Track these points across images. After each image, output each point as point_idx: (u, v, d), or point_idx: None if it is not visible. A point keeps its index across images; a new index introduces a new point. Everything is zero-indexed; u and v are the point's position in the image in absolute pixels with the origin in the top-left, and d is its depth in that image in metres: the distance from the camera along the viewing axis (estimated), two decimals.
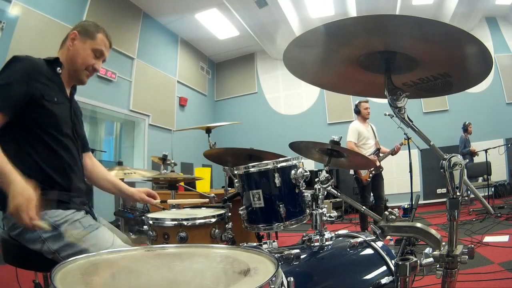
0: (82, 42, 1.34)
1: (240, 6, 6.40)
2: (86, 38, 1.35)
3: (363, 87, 1.15)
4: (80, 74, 1.36)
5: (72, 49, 1.33)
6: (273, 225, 1.27)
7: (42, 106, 1.19)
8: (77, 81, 1.39)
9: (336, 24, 0.78)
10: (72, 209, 1.20)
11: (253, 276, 0.64)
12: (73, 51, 1.33)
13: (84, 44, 1.34)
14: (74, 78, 1.37)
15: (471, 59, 0.89)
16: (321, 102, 8.16)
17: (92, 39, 1.36)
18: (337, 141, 1.38)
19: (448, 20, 6.53)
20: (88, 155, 1.54)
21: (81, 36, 1.35)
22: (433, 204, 6.70)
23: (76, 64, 1.34)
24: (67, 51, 1.34)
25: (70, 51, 1.33)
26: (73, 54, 1.33)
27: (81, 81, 1.39)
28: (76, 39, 1.34)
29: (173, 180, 2.39)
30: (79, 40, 1.34)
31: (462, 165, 0.83)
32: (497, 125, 6.54)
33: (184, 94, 7.81)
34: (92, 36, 1.36)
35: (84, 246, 1.12)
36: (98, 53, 1.37)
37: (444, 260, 0.85)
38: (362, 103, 3.95)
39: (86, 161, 1.51)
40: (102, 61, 1.40)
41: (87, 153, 1.53)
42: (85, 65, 1.35)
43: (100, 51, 1.37)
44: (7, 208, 0.94)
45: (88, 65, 1.35)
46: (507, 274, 2.25)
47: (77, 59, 1.33)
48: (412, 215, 2.71)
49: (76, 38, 1.34)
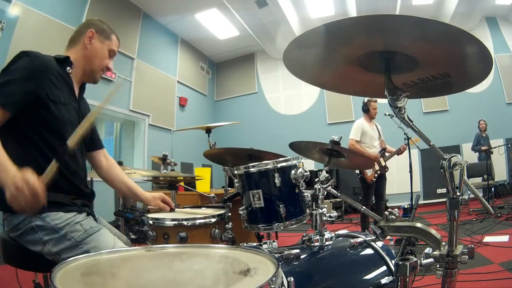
0: (100, 42, 1.35)
1: (240, 6, 6.40)
2: (103, 38, 1.35)
3: (363, 87, 1.14)
4: (96, 74, 1.37)
5: (90, 48, 1.33)
6: (273, 225, 1.26)
7: (47, 106, 1.16)
8: (91, 80, 1.39)
9: (336, 24, 0.78)
10: (73, 211, 1.19)
11: (253, 276, 0.64)
12: (91, 50, 1.33)
13: (102, 44, 1.35)
14: (88, 77, 1.37)
15: (471, 59, 0.88)
16: (321, 102, 8.16)
17: (108, 39, 1.37)
18: (337, 141, 1.38)
19: (448, 20, 6.53)
20: (103, 153, 1.52)
21: (98, 35, 1.34)
22: (433, 204, 6.70)
23: (94, 64, 1.34)
24: (83, 49, 1.33)
25: (88, 50, 1.33)
26: (91, 53, 1.33)
27: (95, 81, 1.39)
28: (93, 37, 1.33)
29: (173, 180, 2.39)
30: (97, 40, 1.34)
31: (462, 165, 0.83)
32: (497, 125, 6.54)
33: (184, 94, 7.81)
34: (109, 36, 1.37)
35: (85, 249, 1.12)
36: (112, 53, 1.39)
37: (444, 260, 0.84)
38: (372, 103, 3.89)
39: (101, 159, 1.50)
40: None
41: (101, 150, 1.51)
42: (101, 65, 1.36)
43: (114, 52, 1.40)
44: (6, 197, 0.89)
45: (104, 65, 1.37)
46: (507, 274, 2.25)
47: (95, 59, 1.33)
48: (412, 215, 2.71)
49: (94, 37, 1.33)
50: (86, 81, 1.39)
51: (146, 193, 1.53)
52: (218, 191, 3.05)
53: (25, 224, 1.12)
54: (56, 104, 1.19)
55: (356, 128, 3.89)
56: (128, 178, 1.55)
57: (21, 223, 1.12)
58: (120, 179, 1.51)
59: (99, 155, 1.49)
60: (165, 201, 1.55)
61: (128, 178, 1.56)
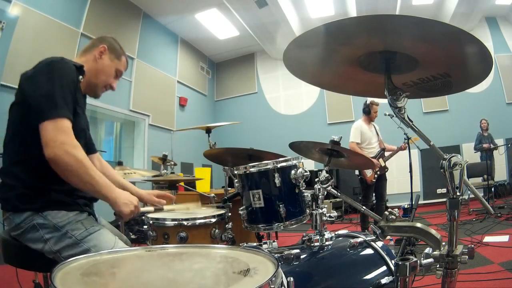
0: (109, 59, 1.37)
1: (240, 6, 6.40)
2: (113, 56, 1.38)
3: (363, 87, 1.15)
4: (99, 89, 1.39)
5: (100, 63, 1.35)
6: (273, 225, 1.27)
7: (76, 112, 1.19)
8: (93, 94, 1.41)
9: (336, 24, 0.78)
10: (75, 210, 1.20)
11: (253, 276, 0.64)
12: (100, 65, 1.35)
13: (111, 62, 1.37)
14: (90, 91, 1.39)
15: (471, 59, 0.88)
16: (321, 102, 8.16)
17: (118, 59, 1.40)
18: (337, 141, 1.37)
19: (448, 20, 6.53)
20: (96, 157, 1.54)
21: (109, 53, 1.37)
22: (433, 204, 6.70)
23: (98, 79, 1.36)
24: (93, 62, 1.35)
25: (97, 64, 1.35)
26: (99, 68, 1.35)
27: (96, 95, 1.41)
28: (104, 53, 1.36)
29: (173, 180, 2.39)
30: (107, 56, 1.36)
31: (462, 165, 0.83)
32: (497, 125, 6.54)
33: (184, 94, 7.81)
34: (119, 56, 1.40)
35: (85, 247, 1.12)
36: (119, 74, 1.42)
37: (444, 260, 0.84)
38: (374, 106, 3.88)
39: (95, 162, 1.50)
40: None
41: (95, 154, 1.53)
42: (106, 82, 1.38)
43: (121, 72, 1.42)
44: (122, 214, 1.16)
45: (108, 83, 1.39)
46: (507, 274, 2.25)
47: (101, 75, 1.35)
48: (412, 215, 2.71)
49: (105, 53, 1.36)
50: (88, 93, 1.41)
51: (140, 190, 1.54)
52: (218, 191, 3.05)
53: (27, 222, 1.13)
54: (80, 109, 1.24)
55: (355, 130, 3.89)
56: (121, 178, 1.58)
57: (22, 222, 1.13)
58: (114, 179, 1.52)
59: (93, 159, 1.51)
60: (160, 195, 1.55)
61: (121, 178, 1.58)
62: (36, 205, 1.14)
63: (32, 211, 1.13)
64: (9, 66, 3.99)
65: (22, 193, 1.14)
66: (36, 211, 1.13)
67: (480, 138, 6.31)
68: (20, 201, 1.14)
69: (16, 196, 1.14)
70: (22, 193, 1.14)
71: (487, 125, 6.33)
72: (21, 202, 1.14)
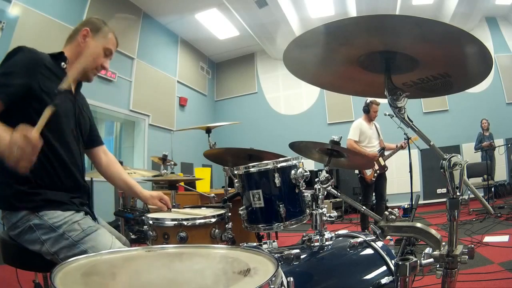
0: (94, 40, 1.33)
1: (240, 6, 6.40)
2: (98, 36, 1.34)
3: (363, 87, 1.14)
4: (89, 72, 1.35)
5: (84, 46, 1.32)
6: (273, 225, 1.26)
7: (40, 98, 1.15)
8: (84, 79, 1.38)
9: (336, 24, 0.78)
10: (71, 210, 1.19)
11: (253, 276, 0.64)
12: (84, 48, 1.32)
13: (96, 42, 1.33)
14: (81, 76, 1.36)
15: (471, 59, 0.88)
16: (321, 102, 8.16)
17: (104, 38, 1.35)
18: (337, 141, 1.38)
19: (448, 20, 6.52)
20: (102, 150, 1.52)
21: (92, 33, 1.34)
22: (433, 204, 6.70)
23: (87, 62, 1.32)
24: (77, 47, 1.33)
25: (81, 48, 1.32)
26: (84, 52, 1.32)
27: (88, 79, 1.38)
28: (87, 36, 1.33)
29: (173, 180, 2.39)
30: (91, 38, 1.33)
31: (462, 165, 0.83)
32: (497, 125, 6.54)
33: (184, 94, 7.81)
34: (105, 35, 1.36)
35: (82, 248, 1.12)
36: (108, 52, 1.37)
37: (444, 260, 0.84)
38: (374, 105, 3.89)
39: (101, 156, 1.50)
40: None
41: (101, 147, 1.52)
42: (95, 64, 1.34)
43: (111, 51, 1.38)
44: (6, 160, 0.91)
45: (98, 64, 1.35)
46: (507, 274, 2.25)
47: (87, 58, 1.32)
48: (412, 215, 2.71)
49: (88, 35, 1.33)
50: (80, 79, 1.38)
51: (145, 192, 1.54)
52: (218, 191, 3.05)
53: (23, 222, 1.12)
54: (49, 96, 1.18)
55: (354, 128, 3.90)
56: (127, 176, 1.56)
57: (19, 221, 1.13)
58: (119, 177, 1.52)
59: (99, 152, 1.50)
60: (163, 200, 1.54)
61: (127, 175, 1.56)
62: (31, 204, 1.13)
63: (28, 210, 1.13)
64: None
65: (18, 191, 1.13)
66: (32, 211, 1.13)
67: (480, 137, 6.32)
68: (16, 199, 1.13)
69: (12, 194, 1.14)
70: (18, 191, 1.13)
71: (487, 125, 6.33)
72: (16, 200, 1.13)
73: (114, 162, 1.55)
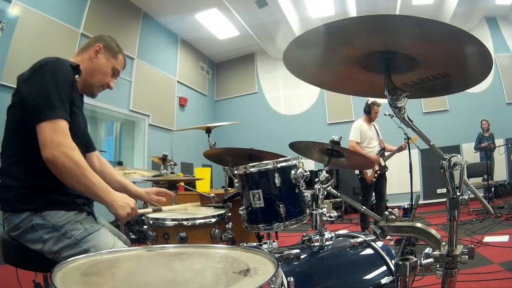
0: (105, 58, 1.36)
1: (240, 6, 6.40)
2: (109, 55, 1.37)
3: (363, 87, 1.15)
4: (95, 88, 1.38)
5: (95, 62, 1.35)
6: (273, 225, 1.27)
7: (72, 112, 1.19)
8: (89, 94, 1.41)
9: (336, 24, 0.78)
10: (74, 210, 1.20)
11: (253, 276, 0.64)
12: (95, 64, 1.35)
13: (107, 61, 1.36)
14: (86, 90, 1.39)
15: (471, 59, 0.88)
16: (321, 102, 8.16)
17: (114, 58, 1.38)
18: (337, 141, 1.38)
19: (448, 20, 6.52)
20: (95, 155, 1.54)
21: (105, 51, 1.36)
22: (433, 204, 6.70)
23: (94, 78, 1.35)
24: (88, 62, 1.34)
25: (93, 64, 1.35)
26: (95, 67, 1.35)
27: (93, 95, 1.40)
28: (100, 52, 1.35)
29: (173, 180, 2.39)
30: (103, 55, 1.36)
31: (462, 165, 0.83)
32: (497, 125, 6.54)
33: (184, 94, 7.81)
34: (115, 55, 1.39)
35: (85, 247, 1.12)
36: (116, 72, 1.41)
37: (444, 260, 0.84)
38: (375, 106, 3.88)
39: (94, 161, 1.51)
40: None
41: (94, 153, 1.53)
42: (102, 82, 1.37)
43: (118, 71, 1.41)
44: (119, 217, 1.15)
45: (105, 82, 1.38)
46: (507, 274, 2.25)
47: (97, 74, 1.35)
48: (412, 215, 2.71)
49: (100, 52, 1.35)
50: (84, 93, 1.41)
51: (139, 189, 1.54)
52: (218, 191, 3.05)
53: (26, 223, 1.13)
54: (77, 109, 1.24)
55: (355, 129, 3.89)
56: (121, 177, 1.58)
57: (21, 222, 1.13)
58: (113, 178, 1.53)
59: (92, 157, 1.51)
60: (158, 192, 1.54)
61: (121, 176, 1.58)
62: (34, 205, 1.14)
63: (31, 211, 1.13)
64: (9, 66, 3.99)
65: (21, 194, 1.14)
66: (35, 211, 1.13)
67: (480, 138, 6.32)
68: (18, 201, 1.14)
69: (15, 196, 1.14)
70: (21, 194, 1.14)
71: (487, 126, 6.33)
72: (19, 202, 1.14)
73: (108, 165, 1.57)
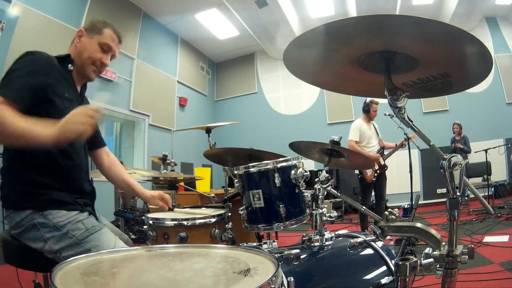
0: (88, 38, 1.34)
1: (240, 6, 6.40)
2: (93, 34, 1.34)
3: (363, 87, 1.14)
4: (87, 69, 1.34)
5: (79, 45, 1.33)
6: (273, 225, 1.26)
7: (53, 101, 1.17)
8: (85, 77, 1.38)
9: (336, 24, 0.78)
10: (75, 210, 1.20)
11: (253, 276, 0.64)
12: (80, 47, 1.33)
13: (90, 39, 1.33)
14: (82, 75, 1.36)
15: (471, 59, 0.88)
16: (321, 102, 8.16)
17: (99, 34, 1.34)
18: (337, 141, 1.37)
19: (448, 20, 6.53)
20: (105, 151, 1.53)
21: (87, 32, 1.34)
22: (433, 204, 6.70)
23: (82, 59, 1.32)
24: (75, 48, 1.33)
25: (77, 48, 1.33)
26: (80, 50, 1.32)
27: (88, 77, 1.37)
28: (83, 35, 1.34)
29: (173, 180, 2.39)
30: (85, 37, 1.34)
31: (462, 165, 0.83)
32: (497, 125, 6.54)
33: (184, 94, 7.81)
34: (99, 31, 1.35)
35: (86, 247, 1.12)
36: (105, 47, 1.34)
37: (444, 260, 0.84)
38: (373, 104, 3.88)
39: (103, 157, 1.51)
40: (111, 56, 1.38)
41: (103, 149, 1.52)
42: (91, 59, 1.32)
43: (107, 45, 1.35)
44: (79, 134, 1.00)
45: (95, 59, 1.33)
46: (507, 274, 2.25)
47: (83, 54, 1.32)
48: (412, 215, 2.71)
49: (83, 35, 1.34)
50: (82, 79, 1.39)
51: (145, 192, 1.54)
52: (218, 191, 3.05)
53: (28, 221, 1.13)
54: (62, 100, 1.20)
55: (354, 129, 3.89)
56: (128, 176, 1.56)
57: (23, 220, 1.13)
58: (120, 177, 1.52)
59: (101, 153, 1.51)
60: (164, 199, 1.55)
61: (128, 176, 1.57)
62: (36, 203, 1.14)
63: (33, 209, 1.13)
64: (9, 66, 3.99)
65: (23, 191, 1.14)
66: (37, 210, 1.13)
67: (453, 141, 6.29)
68: (21, 199, 1.14)
69: (17, 194, 1.14)
70: (23, 191, 1.14)
71: (459, 130, 6.27)
72: (22, 200, 1.14)
73: (116, 163, 1.55)
